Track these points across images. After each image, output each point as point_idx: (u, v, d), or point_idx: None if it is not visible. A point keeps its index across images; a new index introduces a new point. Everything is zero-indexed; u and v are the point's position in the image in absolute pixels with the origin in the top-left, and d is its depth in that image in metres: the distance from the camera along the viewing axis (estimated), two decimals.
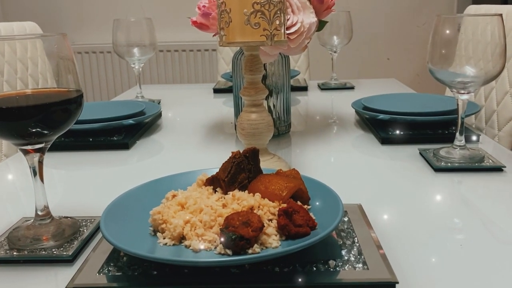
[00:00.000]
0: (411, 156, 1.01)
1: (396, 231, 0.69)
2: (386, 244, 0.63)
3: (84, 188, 0.92)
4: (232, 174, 0.66)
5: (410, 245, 0.65)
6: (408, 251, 0.64)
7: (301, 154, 1.06)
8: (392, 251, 0.62)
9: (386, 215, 0.75)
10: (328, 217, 0.62)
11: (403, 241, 0.66)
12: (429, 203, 0.81)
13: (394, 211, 0.77)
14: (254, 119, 0.88)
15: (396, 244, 0.65)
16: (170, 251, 0.58)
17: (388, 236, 0.67)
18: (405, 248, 0.64)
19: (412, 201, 0.80)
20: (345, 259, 0.58)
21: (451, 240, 0.67)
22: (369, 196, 0.83)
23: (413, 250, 0.64)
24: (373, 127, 1.18)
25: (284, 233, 0.59)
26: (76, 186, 0.94)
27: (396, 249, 0.63)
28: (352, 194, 0.82)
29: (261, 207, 0.63)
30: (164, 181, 0.75)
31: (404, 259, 0.61)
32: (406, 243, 0.66)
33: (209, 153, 1.11)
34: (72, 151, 1.12)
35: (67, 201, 0.86)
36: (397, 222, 0.73)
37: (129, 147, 1.13)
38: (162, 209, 0.63)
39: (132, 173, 1.01)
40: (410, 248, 0.65)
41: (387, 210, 0.77)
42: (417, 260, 0.62)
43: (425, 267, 0.60)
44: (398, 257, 0.61)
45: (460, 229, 0.71)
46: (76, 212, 0.78)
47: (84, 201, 0.85)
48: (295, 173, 0.69)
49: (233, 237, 0.56)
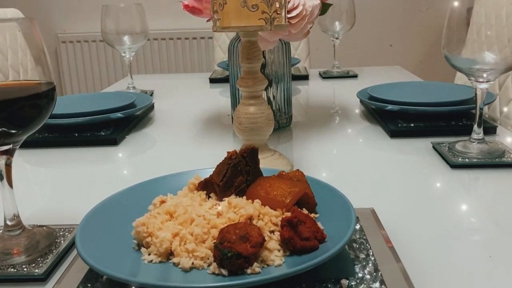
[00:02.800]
0: (423, 151, 0.93)
1: (413, 238, 0.61)
2: (403, 254, 0.55)
3: (66, 189, 0.84)
4: (227, 177, 0.58)
5: (431, 255, 0.57)
6: (429, 262, 0.56)
7: (304, 149, 0.98)
8: (410, 262, 0.54)
9: (401, 219, 0.67)
10: (338, 226, 0.54)
11: (422, 249, 0.58)
12: (447, 204, 0.72)
13: (409, 214, 0.69)
14: (252, 113, 0.80)
15: (415, 254, 0.57)
16: (155, 270, 0.50)
17: (405, 244, 0.59)
18: (424, 257, 0.56)
19: (429, 203, 0.72)
20: (359, 277, 0.50)
21: (477, 248, 0.58)
22: (380, 197, 0.74)
23: (435, 261, 0.56)
24: (380, 119, 1.09)
25: (289, 248, 0.51)
26: (57, 187, 0.86)
27: (415, 259, 0.55)
28: (361, 195, 0.74)
29: (261, 217, 0.54)
30: (152, 184, 0.67)
31: (423, 270, 0.53)
32: (425, 251, 0.58)
33: (205, 148, 1.03)
34: (55, 148, 1.04)
35: (47, 205, 0.77)
36: (413, 228, 0.65)
37: (117, 143, 1.05)
38: (147, 219, 0.54)
39: (121, 171, 0.93)
40: (431, 259, 0.56)
41: (402, 213, 0.69)
42: (440, 273, 0.53)
43: (449, 281, 0.52)
44: (416, 267, 0.53)
45: (485, 237, 0.62)
46: (56, 219, 0.70)
47: (65, 205, 0.76)
48: (300, 175, 0.61)
49: (229, 255, 0.48)
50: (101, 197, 0.63)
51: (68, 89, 3.15)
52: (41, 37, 0.57)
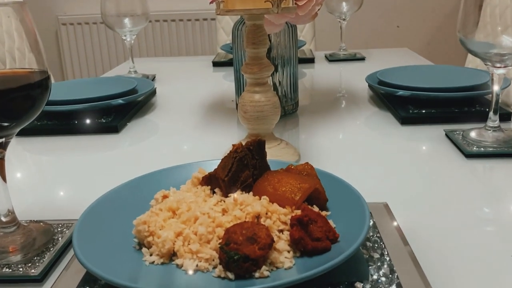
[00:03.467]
0: (436, 139, 0.89)
1: (428, 233, 0.58)
2: (418, 250, 0.52)
3: (65, 180, 0.81)
4: (233, 172, 0.55)
5: (447, 251, 0.54)
6: (445, 259, 0.52)
7: (310, 137, 0.94)
8: (425, 258, 0.51)
9: (414, 213, 0.64)
10: (351, 224, 0.51)
11: (438, 245, 0.55)
12: (462, 196, 0.69)
13: (423, 207, 0.66)
14: (258, 100, 0.76)
15: (430, 249, 0.54)
16: (157, 273, 0.47)
17: (419, 240, 0.56)
18: (440, 253, 0.53)
19: (443, 195, 0.69)
20: (374, 280, 0.47)
21: (495, 242, 0.55)
22: (392, 189, 0.71)
23: (451, 257, 0.53)
24: (390, 105, 1.05)
25: (299, 248, 0.48)
26: (55, 178, 0.83)
27: (430, 255, 0.52)
28: (372, 187, 0.71)
29: (269, 215, 0.51)
30: (153, 178, 0.64)
31: (439, 267, 0.50)
32: (441, 247, 0.54)
33: (209, 135, 0.99)
34: (54, 136, 1.00)
35: (44, 197, 0.74)
36: (428, 222, 0.61)
37: (118, 131, 1.01)
38: (149, 218, 0.51)
39: (122, 160, 0.89)
40: (447, 255, 0.53)
41: (415, 206, 0.66)
42: (458, 270, 0.50)
43: (468, 281, 0.49)
44: (432, 263, 0.50)
45: (502, 230, 0.59)
46: (53, 213, 0.67)
47: (64, 198, 0.73)
48: (309, 169, 0.58)
49: (235, 258, 0.45)
50: (101, 188, 0.60)
51: (70, 73, 3.11)
52: (32, 22, 0.53)
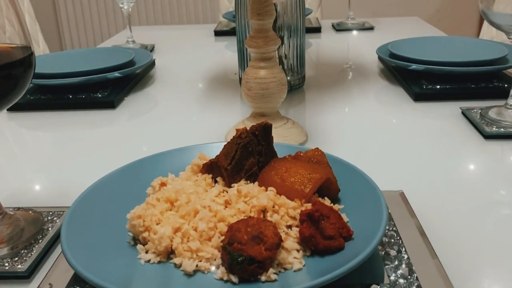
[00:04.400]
0: (452, 117, 0.84)
1: (446, 222, 0.53)
2: (437, 242, 0.48)
3: (57, 160, 0.76)
4: (236, 160, 0.50)
5: (467, 241, 0.50)
6: (466, 250, 0.48)
7: (318, 114, 0.89)
8: (444, 250, 0.47)
9: (430, 200, 0.59)
10: (366, 219, 0.46)
11: (457, 235, 0.51)
12: (481, 181, 0.64)
13: (439, 193, 0.61)
14: (263, 77, 0.71)
15: (449, 239, 0.49)
16: (153, 273, 0.43)
17: (438, 231, 0.51)
18: (460, 244, 0.49)
19: (461, 180, 0.64)
20: (391, 282, 0.43)
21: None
22: (406, 173, 0.66)
23: (472, 248, 0.49)
24: (402, 80, 1.00)
25: (309, 247, 0.44)
26: (48, 157, 0.78)
27: (449, 246, 0.48)
28: (384, 171, 0.66)
29: (277, 209, 0.46)
30: (150, 162, 0.59)
31: (460, 260, 0.46)
32: (461, 237, 0.50)
33: (211, 111, 0.94)
34: (47, 111, 0.95)
35: (34, 180, 0.70)
36: (445, 209, 0.57)
37: (115, 106, 0.96)
38: (144, 211, 0.47)
39: (119, 138, 0.84)
40: (468, 246, 0.49)
41: (431, 192, 0.61)
42: (479, 263, 0.46)
43: (489, 274, 0.45)
44: (452, 256, 0.46)
45: None
46: (44, 198, 0.63)
47: (55, 180, 0.69)
48: (319, 155, 0.53)
49: (239, 260, 0.40)
50: (95, 169, 0.56)
51: (68, 43, 3.03)
52: None
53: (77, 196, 0.51)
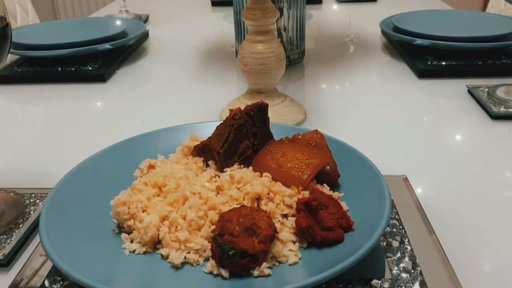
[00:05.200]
0: (458, 96, 0.80)
1: (451, 209, 0.50)
2: (441, 231, 0.45)
3: (45, 135, 0.73)
4: (230, 143, 0.46)
5: (473, 230, 0.47)
6: (472, 240, 0.45)
7: (317, 90, 0.85)
8: (451, 245, 0.44)
9: (435, 184, 0.56)
10: (367, 208, 0.43)
11: (465, 226, 0.48)
12: (488, 164, 0.61)
13: (445, 177, 0.58)
14: (260, 52, 0.67)
15: (456, 233, 0.46)
16: (138, 266, 0.40)
17: (442, 218, 0.49)
18: (467, 237, 0.46)
19: (467, 163, 0.61)
20: (394, 276, 0.40)
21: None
22: (409, 155, 0.63)
23: (479, 238, 0.46)
24: (406, 55, 0.95)
25: (306, 238, 0.41)
26: (33, 134, 0.75)
27: (455, 240, 0.45)
28: (386, 153, 0.63)
29: (272, 196, 0.43)
30: (138, 143, 0.55)
31: (467, 254, 0.43)
32: (468, 230, 0.47)
33: (206, 86, 0.90)
34: (34, 84, 0.91)
35: (17, 158, 0.66)
36: (451, 195, 0.54)
37: (105, 79, 0.92)
38: (129, 197, 0.44)
39: (109, 113, 0.81)
40: (474, 236, 0.46)
41: (435, 176, 0.58)
42: (485, 259, 0.43)
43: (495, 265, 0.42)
44: (458, 252, 0.43)
45: None
46: (28, 178, 0.60)
47: (40, 159, 0.65)
48: (318, 138, 0.49)
49: (230, 253, 0.37)
50: (84, 146, 0.53)
51: (62, 12, 2.95)
52: None
53: (61, 177, 0.48)
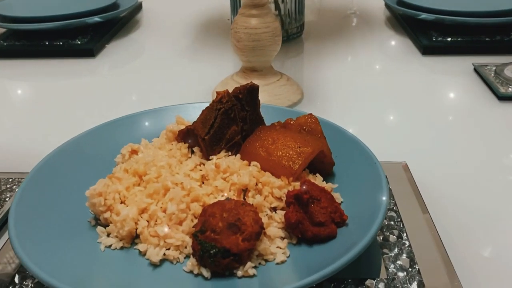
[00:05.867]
0: (463, 74, 0.76)
1: (454, 200, 0.47)
2: (443, 227, 0.42)
3: (30, 114, 0.69)
4: (216, 129, 0.43)
5: (480, 231, 0.44)
6: (477, 242, 0.43)
7: (316, 67, 0.81)
8: (453, 240, 0.41)
9: (437, 168, 0.53)
10: (362, 200, 0.40)
11: (467, 217, 0.45)
12: (494, 148, 0.57)
13: (448, 162, 0.54)
14: (254, 27, 0.62)
15: (458, 226, 0.44)
16: (114, 263, 0.37)
17: (443, 208, 0.46)
18: (470, 233, 0.43)
19: (472, 148, 0.58)
20: (390, 275, 0.37)
21: None
22: (409, 139, 0.60)
23: (485, 241, 0.43)
24: (410, 30, 0.91)
25: (296, 234, 0.38)
26: (19, 110, 0.71)
27: (457, 234, 0.42)
28: (386, 136, 0.60)
29: (260, 188, 0.40)
30: (120, 125, 0.52)
31: (467, 254, 0.40)
32: (471, 220, 0.44)
33: (200, 61, 0.86)
34: (21, 58, 0.87)
35: (0, 138, 0.63)
36: (453, 183, 0.51)
37: (95, 54, 0.88)
38: (106, 187, 0.40)
39: (98, 90, 0.77)
40: (480, 237, 0.43)
41: (437, 160, 0.55)
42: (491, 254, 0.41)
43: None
44: (459, 248, 0.40)
45: None
46: (7, 158, 0.57)
47: (20, 139, 0.62)
48: (312, 123, 0.46)
49: (212, 252, 0.34)
50: (70, 125, 0.49)
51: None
52: None
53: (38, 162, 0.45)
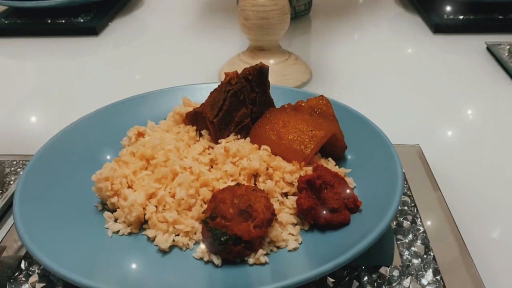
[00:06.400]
0: (476, 54, 0.74)
1: (469, 184, 0.46)
2: (459, 213, 0.41)
3: (32, 94, 0.68)
4: (225, 111, 0.42)
5: (494, 217, 0.43)
6: (492, 227, 0.42)
7: (324, 45, 0.79)
8: (468, 226, 0.40)
9: (451, 155, 0.52)
10: (376, 184, 0.39)
11: (483, 202, 0.44)
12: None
13: (462, 147, 0.53)
14: (262, 4, 0.60)
15: (473, 212, 0.42)
16: (121, 250, 0.36)
17: (459, 195, 0.44)
18: (485, 219, 0.42)
19: (487, 129, 0.56)
20: (404, 262, 0.36)
21: None
22: (422, 121, 0.58)
23: (500, 226, 0.42)
24: (421, 7, 0.88)
25: (308, 220, 0.37)
26: (21, 91, 0.70)
27: (473, 220, 0.41)
28: (397, 117, 0.58)
29: (271, 173, 0.39)
30: (126, 106, 0.51)
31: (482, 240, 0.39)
32: (485, 206, 0.43)
33: (206, 39, 0.84)
34: (23, 37, 0.85)
35: (0, 120, 0.62)
36: (468, 167, 0.49)
37: (98, 32, 0.86)
38: (113, 172, 0.39)
39: (101, 69, 0.75)
40: (495, 222, 0.42)
41: (451, 146, 0.54)
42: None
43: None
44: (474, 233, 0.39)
45: None
46: (11, 143, 0.55)
47: (23, 120, 0.61)
48: (324, 105, 0.44)
49: (222, 239, 0.33)
50: (72, 107, 0.48)
51: None
52: None
53: (43, 145, 0.44)
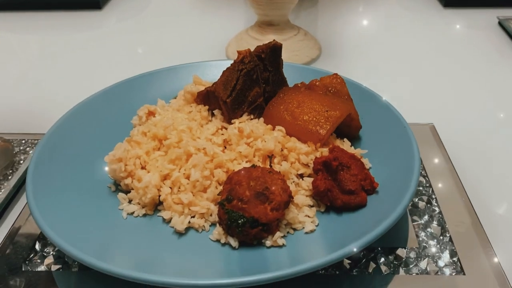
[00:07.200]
0: (487, 29, 0.73)
1: (485, 163, 0.46)
2: (475, 192, 0.41)
3: (36, 71, 0.67)
4: (238, 91, 0.41)
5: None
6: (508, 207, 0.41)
7: (332, 19, 0.78)
8: (485, 206, 0.40)
9: (465, 133, 0.51)
10: (392, 165, 0.39)
11: (499, 182, 0.44)
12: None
13: (475, 125, 0.52)
14: None
15: (489, 195, 0.42)
16: (136, 231, 0.36)
17: (475, 174, 0.44)
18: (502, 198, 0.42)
19: (500, 107, 0.55)
20: (420, 243, 0.36)
21: None
22: (434, 99, 0.57)
23: None
24: None
25: (325, 202, 0.36)
26: (25, 67, 0.68)
27: (488, 201, 0.41)
28: (409, 94, 0.57)
29: (286, 154, 0.38)
30: (136, 85, 0.50)
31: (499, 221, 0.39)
32: (500, 187, 0.43)
33: (211, 13, 0.83)
34: (25, 11, 0.84)
35: (7, 98, 0.61)
36: (483, 146, 0.49)
37: (101, 6, 0.84)
38: (126, 152, 0.39)
39: (105, 44, 0.74)
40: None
41: (464, 124, 0.53)
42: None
43: None
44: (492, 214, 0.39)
45: None
46: (19, 122, 0.55)
47: (34, 98, 0.60)
48: (338, 84, 0.43)
49: (239, 222, 0.33)
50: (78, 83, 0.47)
51: None
52: None
53: (55, 121, 0.43)
